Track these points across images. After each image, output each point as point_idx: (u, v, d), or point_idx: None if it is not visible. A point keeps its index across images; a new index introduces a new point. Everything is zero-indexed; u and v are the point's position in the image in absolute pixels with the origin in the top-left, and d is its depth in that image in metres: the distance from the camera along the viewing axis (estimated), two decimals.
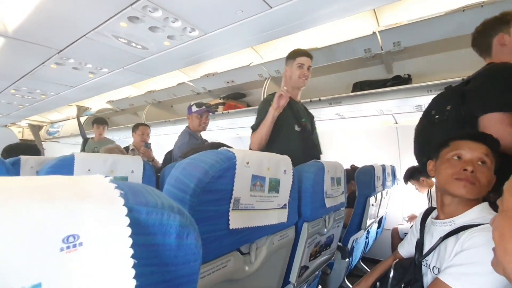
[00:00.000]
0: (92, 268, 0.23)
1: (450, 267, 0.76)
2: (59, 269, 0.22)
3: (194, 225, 0.34)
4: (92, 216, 0.24)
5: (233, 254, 0.70)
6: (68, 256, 0.22)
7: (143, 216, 0.28)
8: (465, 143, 0.88)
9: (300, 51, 1.59)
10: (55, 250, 0.22)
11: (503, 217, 0.54)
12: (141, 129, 2.84)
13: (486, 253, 0.70)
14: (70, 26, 1.28)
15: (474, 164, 0.83)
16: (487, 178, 0.83)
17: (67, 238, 0.23)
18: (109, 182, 0.27)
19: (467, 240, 0.76)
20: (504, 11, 1.29)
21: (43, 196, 0.23)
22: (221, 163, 0.64)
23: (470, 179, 0.83)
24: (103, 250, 0.24)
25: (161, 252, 0.30)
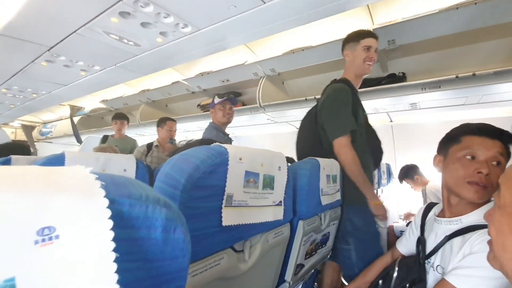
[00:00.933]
0: (70, 262, 0.22)
1: (458, 269, 0.73)
2: (34, 263, 0.21)
3: (182, 219, 0.33)
4: (70, 207, 0.23)
5: (227, 252, 0.69)
6: (43, 249, 0.21)
7: (126, 208, 0.27)
8: (480, 140, 0.79)
9: (365, 32, 1.42)
10: (29, 243, 0.21)
11: (500, 213, 0.52)
12: (169, 124, 2.62)
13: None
14: (60, 22, 1.25)
15: (488, 166, 0.76)
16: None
17: (42, 230, 0.21)
18: (89, 173, 0.26)
19: (477, 243, 0.72)
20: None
21: (15, 186, 0.21)
22: (213, 158, 0.62)
23: (484, 183, 0.76)
24: (82, 244, 0.23)
25: (146, 246, 0.29)
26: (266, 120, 2.91)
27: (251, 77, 2.56)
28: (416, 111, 2.37)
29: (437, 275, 0.82)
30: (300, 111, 2.58)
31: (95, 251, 0.24)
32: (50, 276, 0.21)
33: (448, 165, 0.85)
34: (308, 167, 1.06)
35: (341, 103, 1.35)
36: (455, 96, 1.94)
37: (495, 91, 1.82)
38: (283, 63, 2.33)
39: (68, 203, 0.23)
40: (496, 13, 1.52)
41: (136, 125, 3.66)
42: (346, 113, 1.33)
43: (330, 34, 2.07)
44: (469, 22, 1.61)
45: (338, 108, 1.34)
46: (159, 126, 2.66)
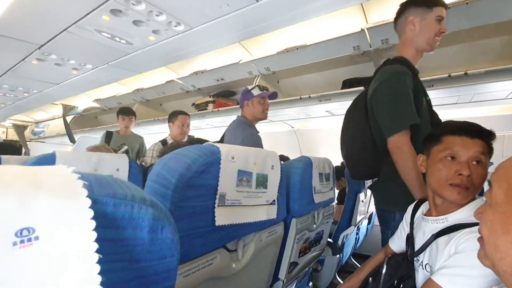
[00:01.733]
0: (51, 264, 0.22)
1: (444, 268, 0.74)
2: (12, 266, 0.20)
3: (170, 219, 0.33)
4: (50, 207, 0.22)
5: (219, 251, 0.69)
6: (22, 251, 0.21)
7: (110, 208, 0.26)
8: (460, 140, 0.79)
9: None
10: (7, 244, 0.20)
11: (493, 212, 0.51)
12: (180, 119, 2.34)
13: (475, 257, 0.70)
14: (50, 20, 1.23)
15: (469, 166, 0.77)
16: (483, 178, 0.78)
17: (21, 231, 0.21)
18: (72, 173, 0.25)
19: (462, 241, 0.73)
20: None
21: None
22: (205, 157, 0.62)
23: (465, 185, 0.77)
24: (63, 245, 0.22)
25: (132, 247, 0.29)
26: None
27: (246, 76, 2.56)
28: None
29: (426, 274, 0.82)
30: (295, 110, 2.58)
31: (77, 253, 0.23)
32: (29, 278, 0.21)
33: (430, 166, 0.85)
34: (301, 165, 1.06)
35: (399, 90, 1.08)
36: (447, 95, 1.96)
37: (487, 90, 1.84)
38: (277, 62, 2.32)
39: (49, 203, 0.22)
40: (487, 13, 1.53)
41: None
42: (405, 103, 1.07)
43: (324, 33, 2.08)
44: (460, 21, 1.62)
45: (395, 97, 1.08)
46: (170, 121, 2.39)
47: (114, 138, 2.72)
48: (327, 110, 2.53)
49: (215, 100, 2.87)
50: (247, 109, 1.84)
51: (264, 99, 1.86)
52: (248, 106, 1.83)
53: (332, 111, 2.57)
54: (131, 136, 2.88)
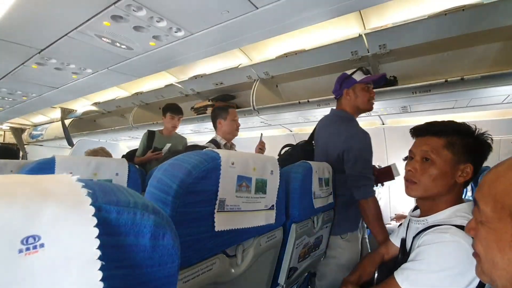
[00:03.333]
0: (55, 271, 0.22)
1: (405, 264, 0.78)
2: (17, 273, 0.21)
3: (171, 225, 0.33)
4: (55, 216, 0.23)
5: (219, 257, 0.69)
6: (27, 259, 0.21)
7: (113, 215, 0.27)
8: (416, 141, 0.90)
9: None
10: (13, 252, 0.21)
11: (485, 230, 0.52)
12: (232, 114, 1.98)
13: (432, 252, 0.73)
14: (51, 25, 1.24)
15: (416, 163, 0.85)
16: (431, 175, 0.82)
17: (27, 239, 0.21)
18: (76, 181, 0.26)
19: (422, 238, 0.78)
20: None
21: (1, 195, 0.21)
22: (205, 163, 0.62)
23: (409, 179, 0.86)
24: (68, 252, 0.23)
25: (134, 253, 0.29)
26: (260, 123, 2.92)
27: (245, 80, 2.57)
28: (407, 114, 2.41)
29: None
30: (293, 114, 2.60)
31: (80, 260, 0.23)
32: (34, 285, 0.21)
33: None
34: (301, 171, 1.07)
35: None
36: (445, 100, 1.98)
37: (483, 95, 1.86)
38: (276, 66, 2.34)
39: (54, 211, 0.23)
40: (483, 19, 1.56)
41: (129, 127, 3.63)
42: None
43: (322, 38, 2.10)
44: (457, 27, 1.65)
45: None
46: (219, 117, 1.96)
47: (157, 139, 2.47)
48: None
49: (214, 104, 2.88)
50: (347, 99, 1.47)
51: (369, 85, 1.48)
52: (348, 95, 1.47)
53: None
54: (175, 136, 2.62)
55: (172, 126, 2.48)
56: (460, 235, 0.71)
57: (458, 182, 0.81)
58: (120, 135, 4.31)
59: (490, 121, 2.35)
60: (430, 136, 0.85)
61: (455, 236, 0.71)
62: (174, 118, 2.46)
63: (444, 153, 0.81)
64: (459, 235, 0.71)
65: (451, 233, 0.72)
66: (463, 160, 0.80)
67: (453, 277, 0.68)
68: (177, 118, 2.48)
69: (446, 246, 0.71)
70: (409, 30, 1.72)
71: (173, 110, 2.45)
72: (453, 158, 0.80)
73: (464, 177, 0.80)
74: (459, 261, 0.68)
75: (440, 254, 0.71)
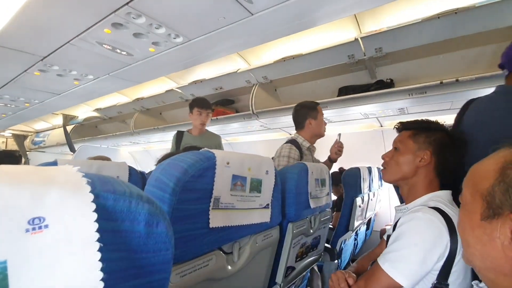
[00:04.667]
0: (58, 249, 0.25)
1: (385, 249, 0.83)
2: (24, 249, 0.23)
3: (164, 215, 0.35)
4: (58, 200, 0.25)
5: (215, 253, 0.71)
6: (33, 237, 0.24)
7: (110, 202, 0.29)
8: None
9: None
10: (21, 231, 0.23)
11: (462, 211, 0.57)
12: (321, 111, 1.78)
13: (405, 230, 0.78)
14: (54, 33, 1.28)
15: (389, 153, 1.02)
16: (396, 160, 0.98)
17: (33, 220, 0.24)
18: (77, 171, 0.28)
19: (399, 222, 0.83)
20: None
21: (10, 180, 0.24)
22: (201, 162, 0.65)
23: (383, 165, 1.04)
24: (69, 233, 0.25)
25: (129, 238, 0.32)
26: (259, 126, 2.95)
27: (244, 84, 2.61)
28: (405, 116, 2.43)
29: None
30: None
31: (80, 240, 0.26)
32: (38, 260, 0.24)
33: None
34: (296, 171, 1.09)
35: None
36: (441, 101, 2.01)
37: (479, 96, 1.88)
38: (274, 70, 2.38)
39: (57, 196, 0.25)
40: (476, 22, 1.59)
41: (130, 133, 3.67)
42: None
43: (319, 42, 2.14)
44: (450, 30, 1.68)
45: None
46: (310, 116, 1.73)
47: (185, 139, 2.16)
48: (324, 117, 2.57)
49: (214, 108, 2.92)
50: None
51: None
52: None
53: (329, 118, 2.62)
54: (207, 135, 2.27)
55: (200, 123, 2.12)
56: (430, 212, 0.77)
57: (419, 166, 0.93)
58: (121, 141, 4.35)
59: None
60: (404, 131, 1.01)
61: (426, 214, 0.77)
62: (201, 113, 2.10)
63: (409, 142, 0.97)
64: (430, 212, 0.77)
65: (423, 211, 0.78)
66: (423, 148, 0.93)
67: (426, 251, 0.73)
68: (206, 114, 2.12)
69: (418, 222, 0.77)
70: (403, 33, 1.75)
71: (200, 104, 2.09)
72: (415, 146, 0.94)
73: (424, 162, 0.92)
74: (431, 235, 0.74)
75: (412, 230, 0.77)
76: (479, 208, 0.52)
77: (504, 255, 0.47)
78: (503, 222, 0.48)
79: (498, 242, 0.48)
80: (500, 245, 0.48)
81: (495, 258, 0.49)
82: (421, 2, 1.76)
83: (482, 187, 0.52)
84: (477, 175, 0.55)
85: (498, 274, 0.49)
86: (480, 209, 0.51)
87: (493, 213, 0.49)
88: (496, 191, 0.49)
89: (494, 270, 0.50)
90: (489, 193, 0.50)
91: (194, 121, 2.15)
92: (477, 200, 0.52)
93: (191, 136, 2.20)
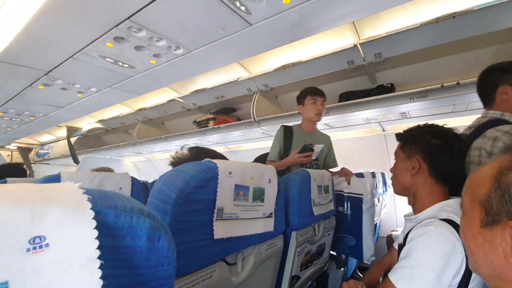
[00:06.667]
0: (59, 268, 0.25)
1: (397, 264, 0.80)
2: (26, 269, 0.23)
3: (166, 229, 0.35)
4: (58, 218, 0.25)
5: (219, 265, 0.71)
6: (34, 257, 0.24)
7: (111, 218, 0.29)
8: None
9: None
10: (22, 250, 0.23)
11: (463, 219, 0.57)
12: None
13: (419, 246, 0.75)
14: (57, 48, 1.31)
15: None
16: (394, 174, 1.01)
17: (34, 239, 0.24)
18: (78, 188, 0.29)
19: (410, 235, 0.80)
20: None
21: (10, 200, 0.24)
22: (203, 173, 0.65)
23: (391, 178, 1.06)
24: (70, 251, 0.25)
25: (131, 254, 0.31)
26: (261, 134, 2.95)
27: (245, 92, 2.63)
28: (407, 120, 2.43)
29: None
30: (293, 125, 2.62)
31: (81, 258, 0.26)
32: (40, 280, 0.24)
33: None
34: (299, 178, 1.09)
35: None
36: (443, 105, 2.00)
37: None
38: (275, 78, 2.39)
39: (58, 214, 0.26)
40: (474, 25, 1.59)
41: (133, 143, 3.69)
42: None
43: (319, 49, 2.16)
44: (449, 34, 1.69)
45: None
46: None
47: (297, 136, 1.82)
48: (325, 123, 2.57)
49: (216, 117, 2.93)
50: None
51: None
52: None
53: (331, 124, 2.62)
54: (319, 134, 1.94)
55: (316, 113, 1.77)
56: (443, 226, 0.74)
57: (413, 175, 0.92)
58: (124, 151, 4.37)
59: None
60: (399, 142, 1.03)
61: (439, 228, 0.74)
62: (316, 101, 1.77)
63: (399, 153, 0.99)
64: (443, 226, 0.74)
65: (435, 225, 0.75)
66: (411, 155, 0.93)
67: (440, 268, 0.70)
68: (321, 101, 1.79)
69: (431, 238, 0.74)
70: (402, 38, 1.76)
71: (313, 91, 1.78)
72: (404, 156, 0.96)
73: (415, 170, 0.91)
74: (445, 251, 0.71)
75: (426, 247, 0.74)
76: (479, 215, 0.51)
77: (506, 262, 0.47)
78: (502, 229, 0.47)
79: (499, 249, 0.47)
80: (502, 252, 0.47)
81: (499, 265, 0.48)
82: (418, 9, 1.77)
83: (479, 194, 0.52)
84: (474, 182, 0.55)
85: (503, 282, 0.48)
86: (479, 216, 0.51)
87: (491, 220, 0.49)
88: (492, 197, 0.49)
89: (498, 277, 0.49)
90: (486, 200, 0.50)
91: (308, 112, 1.80)
92: (476, 207, 0.52)
93: (303, 133, 1.85)
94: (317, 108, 1.77)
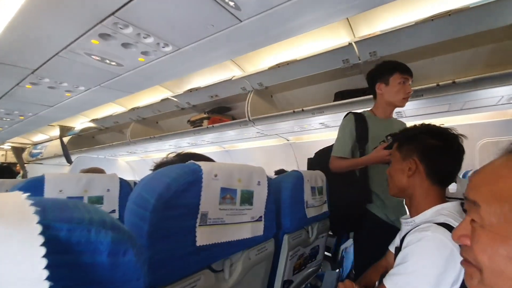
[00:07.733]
0: None
1: (392, 269, 0.78)
2: None
3: (133, 241, 0.32)
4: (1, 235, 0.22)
5: (203, 273, 0.67)
6: None
7: (63, 233, 0.26)
8: None
9: None
10: None
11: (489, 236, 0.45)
12: None
13: (415, 252, 0.73)
14: (42, 46, 1.26)
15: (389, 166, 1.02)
16: (390, 175, 0.98)
17: None
18: (25, 199, 0.25)
19: (406, 239, 0.78)
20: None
21: None
22: (186, 176, 0.62)
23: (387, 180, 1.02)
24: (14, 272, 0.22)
25: (91, 272, 0.28)
26: (256, 133, 2.92)
27: (240, 91, 2.59)
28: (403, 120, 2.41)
29: None
30: (289, 123, 2.60)
31: (27, 280, 0.23)
32: None
33: None
34: (291, 180, 1.06)
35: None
36: (438, 104, 1.98)
37: (477, 97, 1.86)
38: (270, 77, 2.36)
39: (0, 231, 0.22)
40: (469, 23, 1.58)
41: (126, 143, 3.64)
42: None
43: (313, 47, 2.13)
44: (445, 32, 1.67)
45: None
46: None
47: (373, 124, 1.46)
48: (321, 122, 2.55)
49: (210, 116, 2.90)
50: None
51: None
52: None
53: (326, 123, 2.59)
54: (396, 121, 1.62)
55: (404, 97, 1.42)
56: (440, 231, 0.72)
57: (409, 176, 0.90)
58: (118, 151, 4.32)
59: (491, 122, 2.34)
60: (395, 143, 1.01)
61: (435, 233, 0.72)
62: (405, 81, 1.43)
63: (396, 154, 0.97)
64: (440, 231, 0.72)
65: (432, 230, 0.73)
66: (408, 156, 0.91)
67: (437, 276, 0.68)
68: (409, 83, 1.45)
69: (428, 244, 0.72)
70: (397, 36, 1.74)
71: (403, 68, 1.43)
72: (401, 156, 0.94)
73: (412, 171, 0.89)
74: (442, 258, 0.68)
75: (423, 253, 0.72)
76: None
77: None
78: None
79: None
80: None
81: None
82: (414, 7, 1.75)
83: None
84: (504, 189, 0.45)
85: None
86: None
87: None
88: None
89: None
90: None
91: (393, 95, 1.42)
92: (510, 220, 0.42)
93: (379, 120, 1.49)
94: (407, 90, 1.42)
